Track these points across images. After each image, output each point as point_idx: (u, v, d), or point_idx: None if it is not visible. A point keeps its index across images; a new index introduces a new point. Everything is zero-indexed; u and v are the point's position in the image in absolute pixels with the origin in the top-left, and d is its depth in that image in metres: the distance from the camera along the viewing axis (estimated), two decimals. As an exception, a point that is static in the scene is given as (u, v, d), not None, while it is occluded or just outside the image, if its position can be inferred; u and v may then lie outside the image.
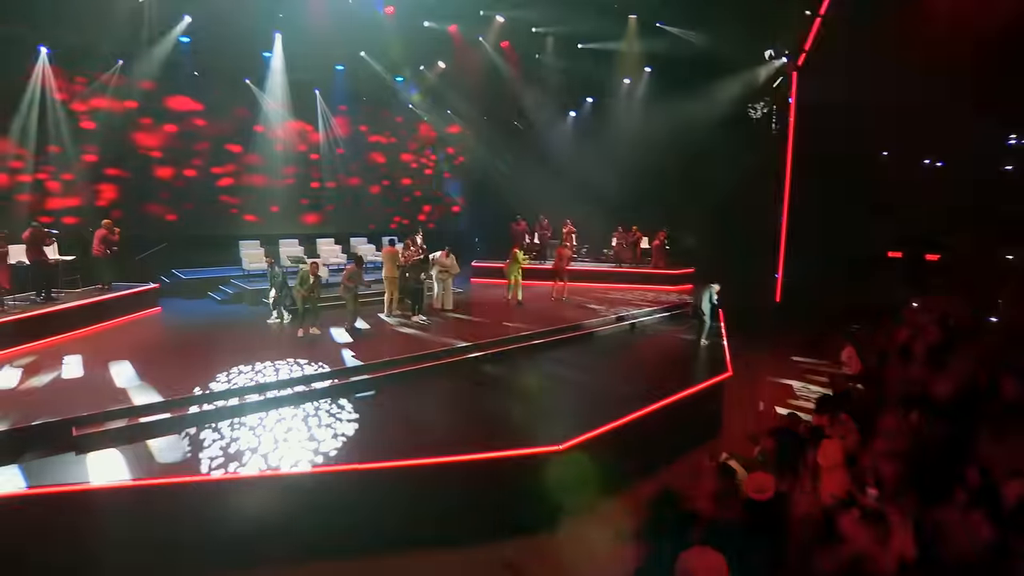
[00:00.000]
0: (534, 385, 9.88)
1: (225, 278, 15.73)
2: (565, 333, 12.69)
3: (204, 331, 12.01)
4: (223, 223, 17.36)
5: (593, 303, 15.99)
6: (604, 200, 20.42)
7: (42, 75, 14.28)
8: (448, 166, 22.95)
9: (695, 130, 19.21)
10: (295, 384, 8.92)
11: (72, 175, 14.91)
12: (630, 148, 20.47)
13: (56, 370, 9.17)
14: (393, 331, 12.26)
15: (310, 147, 19.11)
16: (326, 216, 19.57)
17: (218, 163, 17.28)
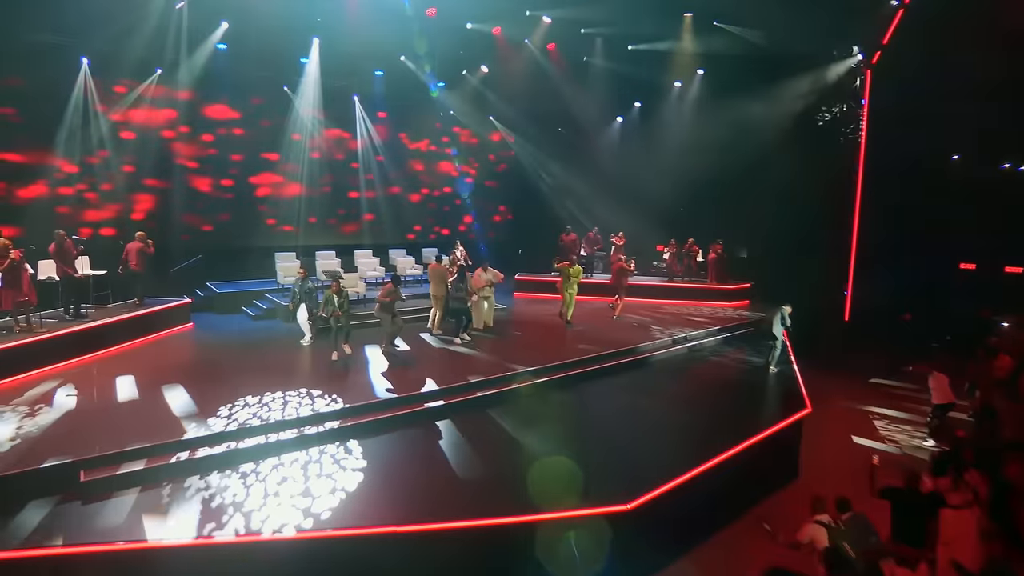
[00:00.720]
0: (586, 423, 8.88)
1: (259, 292, 15.18)
2: (620, 358, 11.66)
3: (232, 351, 11.37)
4: (259, 234, 16.84)
5: (648, 321, 14.91)
6: (655, 210, 19.46)
7: (84, 86, 14.03)
8: (488, 174, 22.11)
9: (755, 135, 17.98)
10: (322, 420, 8.13)
11: (111, 186, 14.61)
12: (682, 154, 19.41)
13: (75, 397, 8.58)
14: (432, 354, 11.42)
15: (348, 155, 18.52)
16: (364, 226, 18.93)
17: (255, 172, 16.81)
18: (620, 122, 21.60)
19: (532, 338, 12.89)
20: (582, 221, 20.20)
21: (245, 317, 14.47)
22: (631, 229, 18.77)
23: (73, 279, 11.07)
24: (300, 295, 11.33)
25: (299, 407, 8.35)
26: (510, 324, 14.18)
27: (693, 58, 18.59)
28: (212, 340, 12.21)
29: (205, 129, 16.02)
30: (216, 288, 15.21)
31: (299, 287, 11.32)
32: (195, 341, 12.20)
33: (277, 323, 13.78)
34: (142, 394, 8.79)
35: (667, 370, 11.77)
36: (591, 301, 16.93)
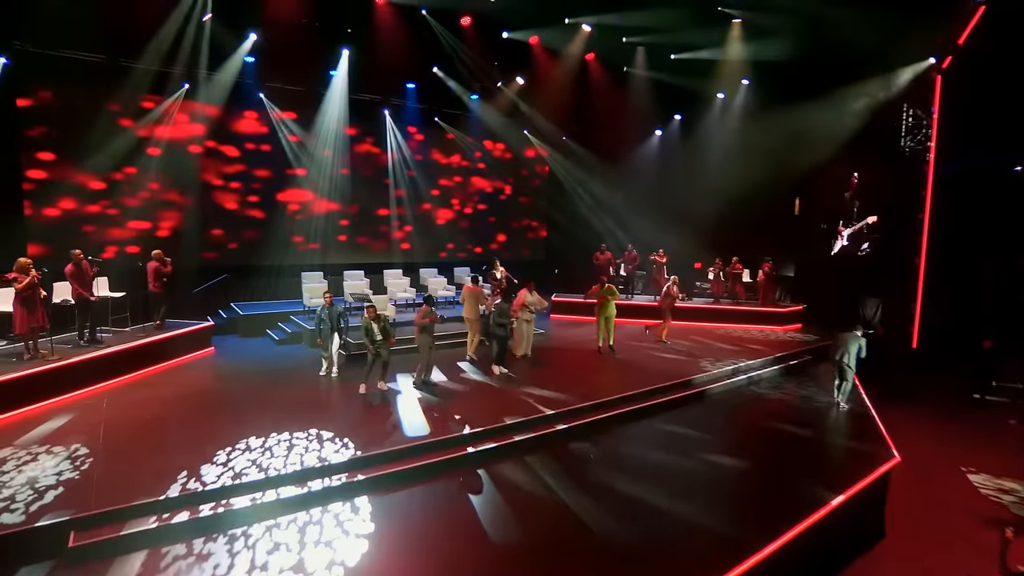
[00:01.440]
0: (635, 475, 7.83)
1: (284, 314, 14.52)
2: (672, 392, 10.60)
3: (248, 381, 10.61)
4: (286, 253, 16.24)
5: (695, 347, 13.80)
6: (697, 227, 18.36)
7: (112, 101, 13.67)
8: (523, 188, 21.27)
9: (808, 147, 16.82)
10: (329, 473, 7.26)
11: (137, 203, 14.20)
12: (726, 169, 18.46)
13: (79, 437, 7.89)
14: (465, 388, 10.47)
15: (378, 171, 17.87)
16: (394, 245, 18.26)
17: (281, 189, 16.27)
18: (659, 135, 20.58)
19: (575, 368, 11.89)
20: (620, 238, 19.20)
21: (268, 341, 13.80)
22: (671, 246, 17.74)
23: (89, 302, 10.49)
24: (331, 323, 10.46)
25: (305, 453, 7.49)
26: (550, 351, 13.21)
27: (741, 66, 17.52)
28: (230, 368, 11.52)
29: (231, 144, 15.53)
30: (240, 309, 14.60)
31: (327, 314, 10.45)
32: (212, 369, 11.51)
33: (301, 348, 13.12)
34: (143, 434, 8.05)
35: (724, 406, 10.65)
36: (634, 324, 15.94)
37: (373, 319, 9.82)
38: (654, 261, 17.43)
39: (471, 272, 17.86)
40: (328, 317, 10.45)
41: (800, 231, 18.65)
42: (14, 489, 6.39)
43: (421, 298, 15.11)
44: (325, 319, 10.42)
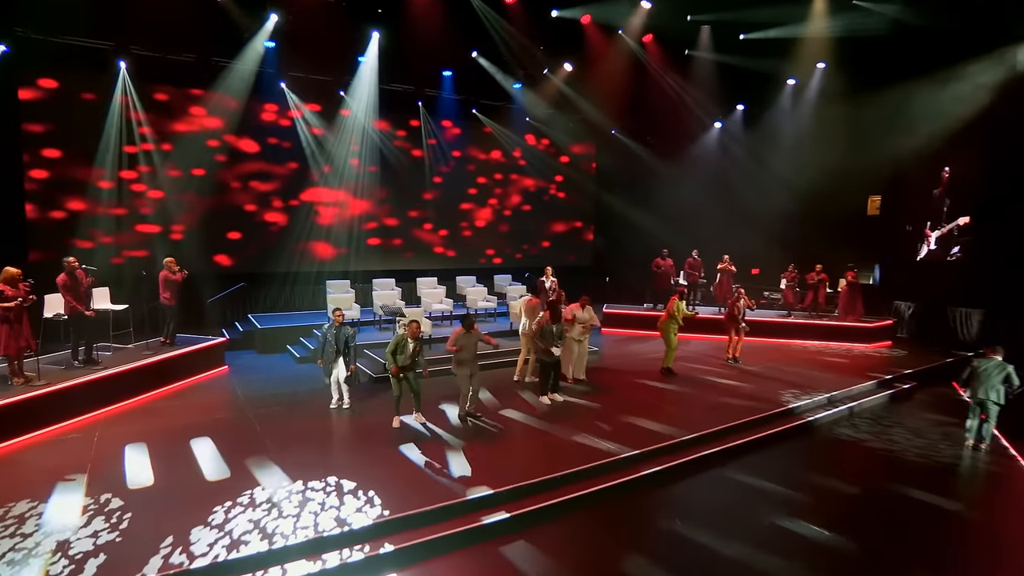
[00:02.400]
0: (722, 540, 6.20)
1: (307, 328, 13.24)
2: (758, 429, 8.92)
3: (262, 409, 9.28)
4: (309, 259, 15.06)
5: (771, 370, 12.07)
6: (762, 229, 16.83)
7: (122, 93, 12.65)
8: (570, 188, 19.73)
9: (894, 137, 14.97)
10: (349, 543, 5.82)
11: (146, 204, 13.15)
12: (796, 164, 16.81)
13: (44, 487, 6.62)
14: (519, 422, 8.95)
15: (410, 168, 16.55)
16: (427, 250, 16.94)
17: (305, 188, 15.05)
18: (720, 128, 18.83)
19: (637, 395, 10.29)
20: (678, 243, 17.55)
21: (288, 358, 12.53)
22: (732, 251, 16.10)
23: (84, 317, 9.29)
24: (337, 346, 8.96)
25: (320, 511, 6.09)
26: (605, 373, 11.62)
27: (822, 45, 15.68)
28: (243, 391, 10.22)
29: (250, 139, 14.37)
30: (258, 322, 13.39)
31: (333, 335, 8.97)
32: (223, 393, 10.21)
33: None
34: (130, 486, 6.74)
35: (818, 450, 8.89)
36: (697, 339, 14.29)
37: (413, 337, 8.35)
38: (720, 271, 15.72)
39: (512, 281, 16.56)
40: (334, 339, 8.98)
41: (881, 233, 16.74)
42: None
43: (461, 319, 13.73)
44: (331, 340, 8.97)
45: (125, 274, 12.46)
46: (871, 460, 8.41)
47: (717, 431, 8.59)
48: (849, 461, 8.39)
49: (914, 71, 14.58)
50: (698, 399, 10.11)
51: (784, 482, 7.59)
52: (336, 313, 9.05)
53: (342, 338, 8.97)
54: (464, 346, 8.56)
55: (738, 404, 9.81)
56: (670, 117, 17.44)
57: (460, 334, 8.60)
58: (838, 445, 8.92)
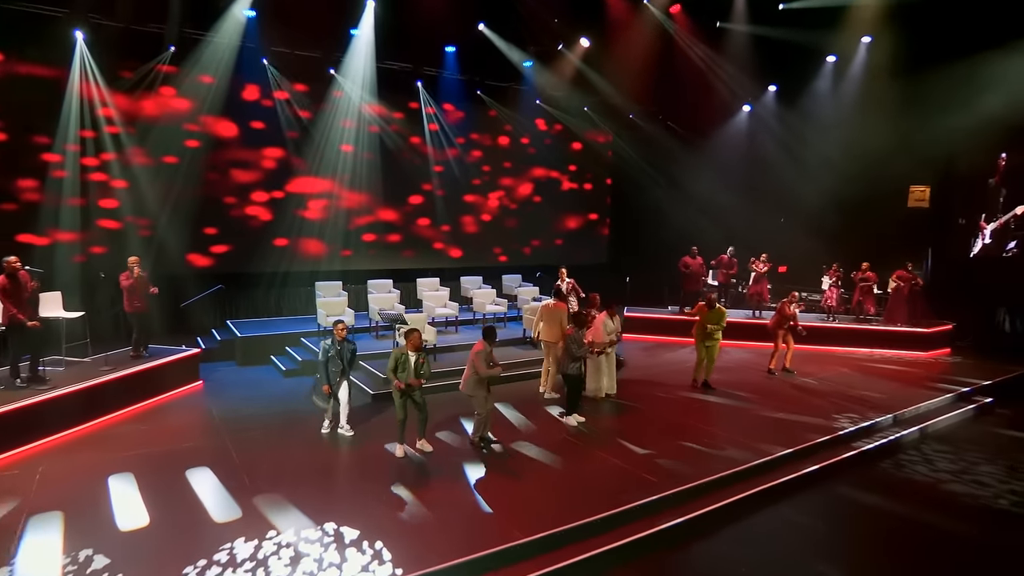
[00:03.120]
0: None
1: (294, 336, 12.15)
2: (815, 458, 7.88)
3: (243, 435, 8.16)
4: (295, 257, 13.98)
5: (824, 383, 11.06)
6: (803, 224, 15.80)
7: (80, 68, 11.53)
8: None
9: (958, 121, 13.91)
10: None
11: (112, 197, 12.04)
12: (836, 151, 15.81)
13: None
14: (542, 448, 7.88)
15: (409, 157, 15.46)
16: (428, 247, 15.87)
17: (291, 178, 13.94)
18: (749, 111, 17.77)
19: (675, 414, 9.27)
20: (709, 239, 16.51)
21: (273, 372, 11.42)
22: (765, 247, 15.08)
23: (26, 328, 8.12)
24: (344, 363, 7.96)
25: (317, 571, 5.04)
26: (636, 386, 10.58)
27: (873, 14, 14.58)
28: (220, 412, 9.08)
29: (228, 123, 13.22)
30: (237, 329, 12.26)
31: (337, 352, 7.91)
32: (196, 414, 9.07)
33: (315, 382, 10.67)
34: (72, 529, 5.61)
35: (899, 480, 7.83)
36: (735, 347, 13.27)
37: (415, 349, 7.32)
38: (752, 271, 14.69)
39: (523, 281, 15.55)
40: (340, 356, 7.93)
41: (930, 226, 15.74)
42: None
43: (463, 315, 12.71)
44: (334, 357, 7.90)
45: (87, 275, 11.35)
46: (952, 511, 7.20)
47: (765, 462, 7.54)
48: (922, 507, 7.29)
49: (975, 43, 13.50)
50: (740, 415, 9.20)
51: (889, 516, 6.51)
52: (339, 327, 7.95)
53: (347, 353, 7.93)
54: (489, 362, 7.62)
55: (790, 420, 8.88)
56: (698, 98, 16.38)
57: (488, 352, 7.60)
58: (907, 487, 7.76)
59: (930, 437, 9.23)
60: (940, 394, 10.54)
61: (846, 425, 8.84)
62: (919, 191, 16.21)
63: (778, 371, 11.55)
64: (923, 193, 16.20)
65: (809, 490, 7.32)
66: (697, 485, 6.81)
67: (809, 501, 7.09)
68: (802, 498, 7.13)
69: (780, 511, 6.86)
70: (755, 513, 6.74)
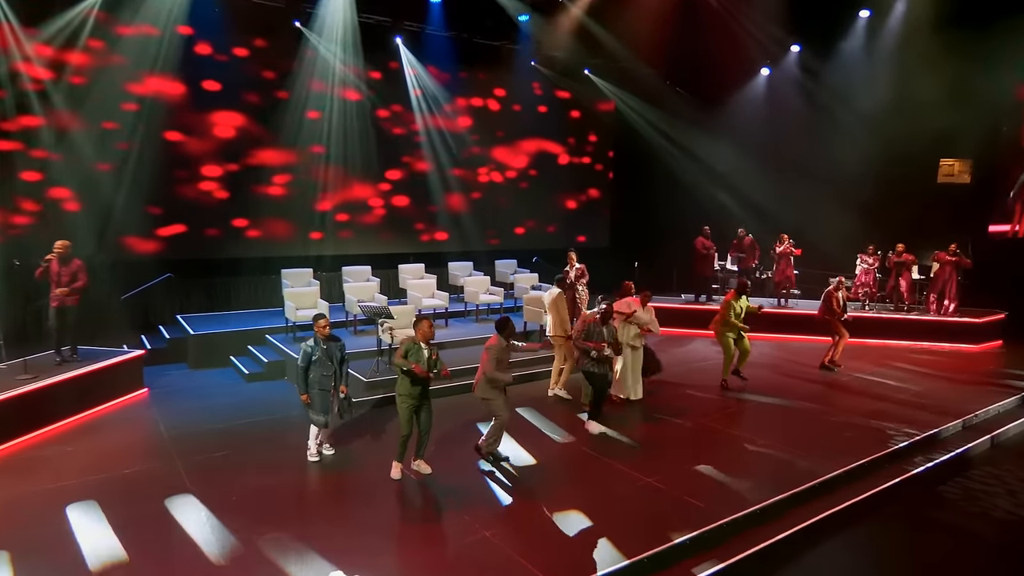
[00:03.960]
0: None
1: (258, 334, 11.07)
2: (873, 479, 7.01)
3: (198, 459, 7.04)
4: (258, 241, 12.86)
5: (874, 381, 10.38)
6: (832, 202, 15.06)
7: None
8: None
9: (1008, 83, 13.17)
10: None
11: (33, 170, 10.71)
12: (868, 120, 15.09)
13: None
14: (561, 462, 7.03)
15: (389, 127, 14.30)
16: (410, 228, 14.78)
17: (251, 149, 12.70)
18: (769, 74, 16.89)
19: (712, 421, 8.51)
20: (724, 219, 15.70)
21: (233, 376, 10.38)
22: (785, 226, 14.35)
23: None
24: (335, 368, 6.84)
25: None
26: (658, 388, 9.73)
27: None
28: (170, 426, 7.98)
29: (176, 83, 11.88)
30: (190, 326, 11.10)
31: (323, 354, 6.75)
32: (140, 429, 7.94)
33: (284, 387, 9.67)
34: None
35: (979, 493, 7.00)
36: (760, 339, 12.52)
37: (424, 340, 6.37)
38: (781, 253, 13.83)
39: (518, 267, 14.70)
40: (330, 357, 6.79)
41: (973, 203, 15.03)
42: None
43: (454, 307, 11.76)
44: (323, 360, 6.75)
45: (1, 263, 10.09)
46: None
47: (826, 481, 6.69)
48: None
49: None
50: (790, 425, 8.41)
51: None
52: (320, 323, 6.79)
53: (335, 355, 6.81)
54: (504, 360, 6.80)
55: (850, 428, 8.11)
56: (716, 57, 15.37)
57: (501, 347, 6.74)
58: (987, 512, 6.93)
59: (1002, 447, 8.44)
60: (1007, 394, 9.78)
61: (912, 432, 8.03)
62: (949, 165, 15.57)
63: (831, 362, 10.98)
64: (952, 167, 15.57)
65: (875, 513, 6.45)
66: (754, 511, 5.95)
67: (877, 527, 6.23)
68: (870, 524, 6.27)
69: (851, 536, 6.04)
70: (823, 543, 5.88)
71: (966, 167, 15.49)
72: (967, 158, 15.30)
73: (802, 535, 5.85)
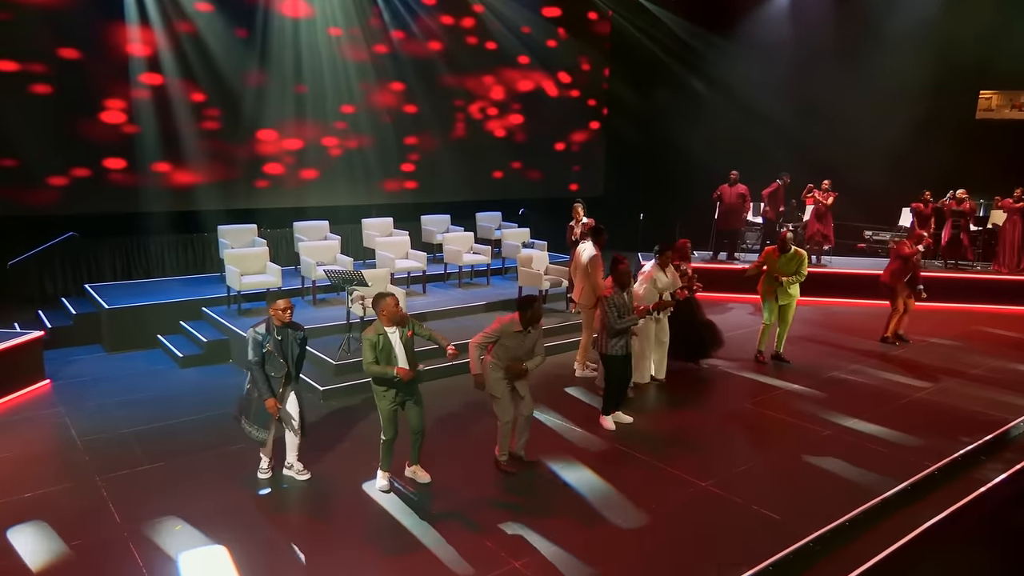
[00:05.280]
0: None
1: (193, 306, 10.01)
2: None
3: (131, 468, 6.01)
4: (187, 191, 11.68)
5: (944, 354, 9.88)
6: (871, 144, 14.84)
7: None
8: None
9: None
10: None
11: None
12: (903, 48, 14.79)
13: None
14: (585, 475, 6.15)
15: (343, 45, 13.10)
16: (373, 175, 13.75)
17: (187, 75, 11.40)
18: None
19: (756, 405, 7.92)
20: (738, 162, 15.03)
21: (163, 359, 9.30)
22: (814, 172, 13.76)
23: None
24: (288, 363, 5.62)
25: None
26: (681, 364, 8.98)
27: None
28: (82, 428, 6.87)
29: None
30: (103, 298, 9.90)
31: (279, 345, 5.54)
32: (40, 437, 6.75)
33: (229, 373, 8.65)
34: None
35: None
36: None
37: (397, 324, 5.49)
38: (813, 202, 13.21)
39: (504, 220, 13.97)
40: (282, 352, 5.57)
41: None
42: None
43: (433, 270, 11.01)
44: (273, 358, 5.52)
45: None
46: None
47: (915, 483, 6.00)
48: None
49: None
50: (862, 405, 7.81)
51: None
52: (278, 306, 5.56)
53: (292, 346, 5.64)
54: (511, 350, 5.85)
55: (936, 413, 7.54)
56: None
57: (511, 331, 5.82)
58: None
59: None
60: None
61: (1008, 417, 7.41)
62: (987, 97, 15.35)
63: (897, 335, 10.36)
64: (990, 100, 15.35)
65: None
66: (841, 524, 5.30)
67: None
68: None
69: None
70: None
71: (992, 101, 15.32)
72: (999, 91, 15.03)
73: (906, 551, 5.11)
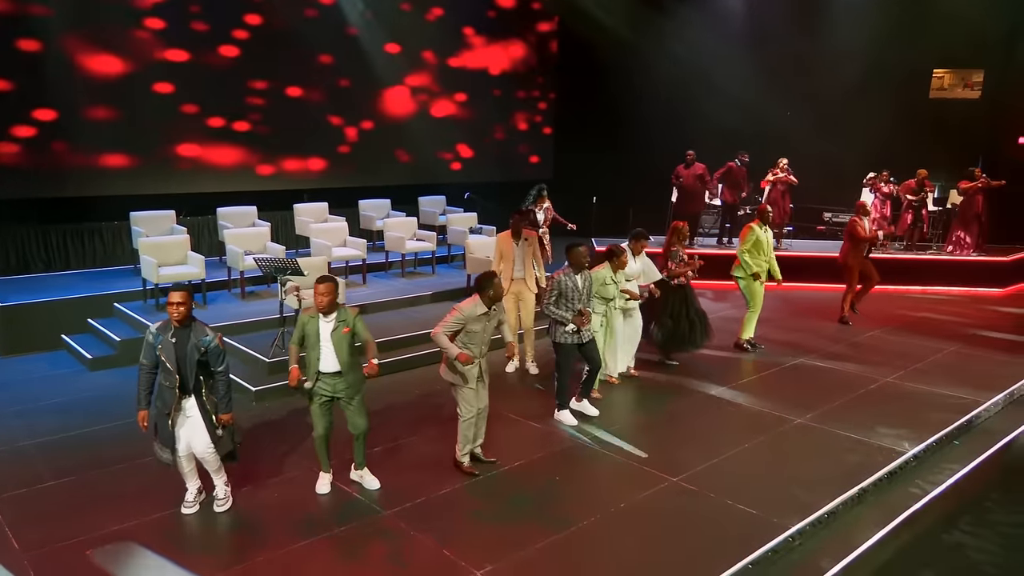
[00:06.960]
0: None
1: (104, 301, 9.79)
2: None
3: (35, 492, 5.73)
4: (95, 170, 11.28)
5: (890, 338, 10.34)
6: (824, 121, 15.20)
7: None
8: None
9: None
10: None
11: None
12: (873, 26, 15.18)
13: None
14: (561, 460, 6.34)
15: (286, 23, 12.84)
16: (301, 154, 13.55)
17: (64, 32, 10.76)
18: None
19: (739, 388, 8.10)
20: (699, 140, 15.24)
21: (70, 363, 9.07)
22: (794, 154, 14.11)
23: None
24: (189, 374, 5.07)
25: None
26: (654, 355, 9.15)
27: None
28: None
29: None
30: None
31: (170, 352, 5.01)
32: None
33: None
34: None
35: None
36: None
37: (324, 310, 5.39)
38: (775, 182, 13.57)
39: (448, 205, 14.12)
40: (174, 356, 5.03)
41: (983, 124, 15.51)
42: None
43: (374, 259, 10.73)
44: (167, 368, 5.04)
45: None
46: None
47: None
48: None
49: None
50: (832, 392, 8.12)
51: None
52: (175, 299, 4.98)
53: (192, 354, 5.06)
54: (478, 335, 5.84)
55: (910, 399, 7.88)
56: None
57: (473, 315, 5.77)
58: None
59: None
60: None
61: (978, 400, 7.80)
62: (940, 76, 16.00)
63: (849, 314, 10.92)
64: (943, 79, 15.99)
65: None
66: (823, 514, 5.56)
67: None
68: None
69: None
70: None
71: (958, 79, 15.93)
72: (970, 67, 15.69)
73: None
